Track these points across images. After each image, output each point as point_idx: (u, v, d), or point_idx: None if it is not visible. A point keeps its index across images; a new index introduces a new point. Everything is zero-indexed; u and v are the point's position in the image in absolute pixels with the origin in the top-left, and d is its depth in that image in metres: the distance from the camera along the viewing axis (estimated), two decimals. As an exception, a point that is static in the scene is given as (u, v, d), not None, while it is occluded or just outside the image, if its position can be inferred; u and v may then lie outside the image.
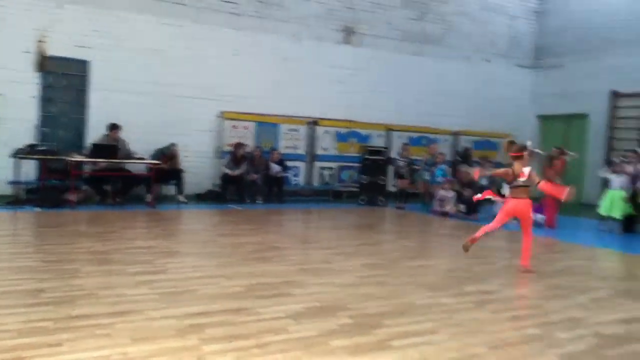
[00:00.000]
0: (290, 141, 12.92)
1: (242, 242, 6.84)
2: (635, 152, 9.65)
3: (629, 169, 9.24)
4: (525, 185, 5.89)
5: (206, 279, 4.88)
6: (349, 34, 13.73)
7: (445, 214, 10.54)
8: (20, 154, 9.44)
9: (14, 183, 9.59)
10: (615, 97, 14.02)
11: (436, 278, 5.31)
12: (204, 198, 11.52)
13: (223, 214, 9.83)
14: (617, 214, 9.06)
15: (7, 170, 9.57)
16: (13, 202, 9.25)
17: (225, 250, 6.31)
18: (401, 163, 12.26)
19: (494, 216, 6.27)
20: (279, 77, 12.86)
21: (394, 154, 13.17)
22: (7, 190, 9.78)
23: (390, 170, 12.74)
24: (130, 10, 11.29)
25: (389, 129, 14.12)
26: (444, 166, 11.88)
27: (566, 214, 10.30)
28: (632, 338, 3.71)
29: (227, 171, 11.51)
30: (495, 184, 9.65)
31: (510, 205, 5.93)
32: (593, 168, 12.97)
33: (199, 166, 12.03)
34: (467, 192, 10.38)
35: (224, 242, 6.82)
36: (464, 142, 14.82)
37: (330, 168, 13.40)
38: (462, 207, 10.44)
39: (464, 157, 12.89)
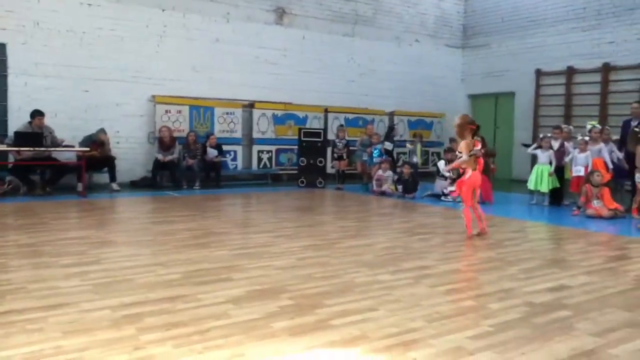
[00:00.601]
0: (226, 125, 12.73)
1: (178, 228, 6.71)
2: (559, 128, 10.11)
3: (555, 144, 9.68)
4: (477, 156, 6.37)
5: (142, 267, 4.76)
6: (280, 14, 13.59)
7: (382, 193, 10.74)
8: None
9: None
10: (540, 75, 14.64)
11: (375, 256, 5.40)
12: (138, 185, 11.21)
13: (158, 201, 9.59)
14: (544, 188, 9.51)
15: None
16: None
17: (160, 238, 6.16)
18: (339, 144, 12.34)
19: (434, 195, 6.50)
20: (210, 60, 12.61)
21: (331, 136, 13.24)
22: None
23: (329, 152, 12.81)
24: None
25: (326, 110, 14.16)
26: (379, 146, 12.06)
27: (497, 189, 10.72)
28: (560, 305, 3.91)
29: (158, 156, 11.23)
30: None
31: (472, 177, 6.37)
32: (521, 145, 13.53)
33: (132, 152, 11.69)
34: (406, 171, 10.60)
35: (159, 230, 6.65)
36: (398, 123, 15.07)
37: (269, 151, 13.33)
38: (399, 187, 10.65)
39: (388, 134, 13.04)
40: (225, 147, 12.26)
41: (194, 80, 12.39)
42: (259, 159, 13.25)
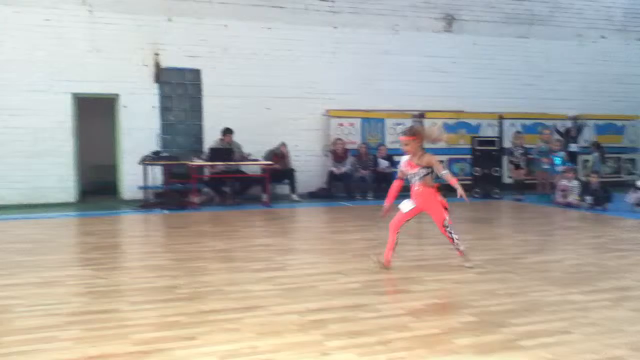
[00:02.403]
0: (397, 135, 12.78)
1: (354, 238, 6.88)
2: None
3: None
4: None
5: (323, 275, 4.96)
6: (449, 21, 13.33)
7: (568, 205, 9.89)
8: (147, 160, 10.19)
9: (143, 188, 10.37)
10: None
11: (564, 274, 4.99)
12: (315, 196, 11.74)
13: (334, 211, 9.95)
14: None
15: (137, 176, 10.38)
16: (143, 205, 10.01)
17: (338, 246, 6.37)
18: (516, 152, 11.69)
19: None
20: (380, 71, 12.79)
21: (507, 144, 12.60)
22: (138, 194, 10.60)
23: (504, 160, 12.20)
24: (231, 18, 11.78)
25: (500, 117, 13.53)
26: (562, 153, 11.16)
27: None
28: None
29: (333, 169, 11.66)
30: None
31: (439, 195, 5.38)
32: None
33: (309, 165, 12.30)
34: (593, 180, 9.67)
35: (337, 239, 6.89)
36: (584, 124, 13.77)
37: (440, 161, 13.07)
38: (588, 198, 9.68)
39: (573, 135, 11.95)
40: (396, 158, 12.31)
41: (364, 93, 12.68)
42: (431, 169, 13.05)
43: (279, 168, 10.94)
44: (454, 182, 5.13)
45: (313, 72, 12.37)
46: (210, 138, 11.25)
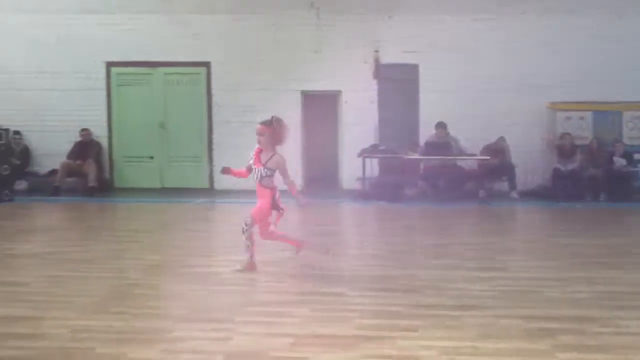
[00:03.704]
0: (637, 131, 11.32)
1: (581, 243, 6.27)
2: None
3: None
4: None
5: (547, 281, 4.63)
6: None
7: None
8: (365, 153, 10.62)
9: (361, 179, 10.85)
10: None
11: None
12: (536, 194, 10.99)
13: (557, 212, 9.22)
14: None
15: (356, 168, 10.90)
16: (360, 196, 10.47)
17: (563, 251, 5.87)
18: None
19: None
20: (613, 61, 11.34)
21: None
22: (357, 185, 11.14)
23: None
24: (449, 12, 11.50)
25: None
26: None
27: None
28: None
29: (558, 166, 10.76)
30: None
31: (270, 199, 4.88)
32: None
33: (530, 161, 11.54)
34: None
35: (561, 243, 6.35)
36: None
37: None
38: None
39: None
40: (636, 156, 10.89)
41: (594, 83, 11.40)
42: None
43: (497, 164, 10.49)
44: (295, 192, 4.85)
45: (534, 63, 11.52)
46: (426, 132, 11.26)
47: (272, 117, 4.93)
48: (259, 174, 4.85)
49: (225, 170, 5.20)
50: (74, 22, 11.63)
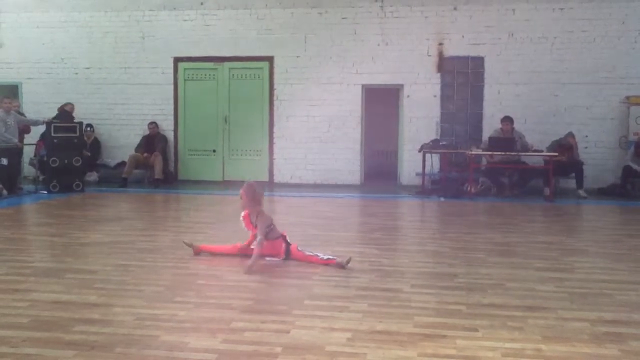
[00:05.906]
0: None
1: (658, 245, 5.94)
2: None
3: None
4: None
5: (619, 284, 4.40)
6: None
7: None
8: (426, 148, 10.45)
9: (421, 174, 10.70)
10: None
11: None
12: (606, 193, 10.51)
13: (630, 212, 8.75)
14: None
15: (416, 163, 10.76)
16: (421, 191, 10.33)
17: (637, 253, 5.58)
18: None
19: None
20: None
21: None
22: (416, 180, 11.00)
23: None
24: (520, 1, 11.15)
25: None
26: None
27: None
28: None
29: (630, 164, 10.21)
30: None
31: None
32: None
33: (601, 158, 11.07)
34: None
35: (634, 244, 6.03)
36: None
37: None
38: None
39: None
40: None
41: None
42: None
43: (564, 160, 10.07)
44: (256, 251, 4.70)
45: (612, 55, 11.00)
46: (490, 127, 10.96)
47: (245, 182, 5.13)
48: (262, 233, 4.83)
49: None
50: (151, 19, 12.09)
